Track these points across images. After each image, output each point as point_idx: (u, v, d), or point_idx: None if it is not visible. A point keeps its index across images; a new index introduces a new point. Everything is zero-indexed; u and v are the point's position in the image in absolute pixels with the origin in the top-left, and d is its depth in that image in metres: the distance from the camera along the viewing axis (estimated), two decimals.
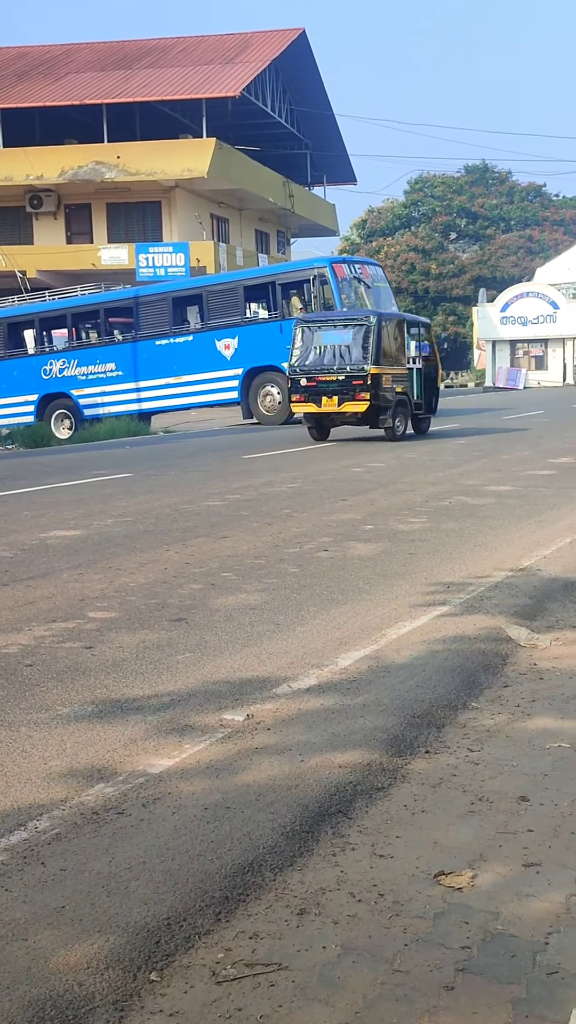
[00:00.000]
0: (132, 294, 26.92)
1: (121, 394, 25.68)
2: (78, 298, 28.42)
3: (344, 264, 23.63)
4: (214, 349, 24.33)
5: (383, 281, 24.75)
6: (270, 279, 24.43)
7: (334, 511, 9.66)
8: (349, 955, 2.49)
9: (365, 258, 30.26)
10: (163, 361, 25.03)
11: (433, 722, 4.12)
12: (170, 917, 2.64)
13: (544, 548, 7.51)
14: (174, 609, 6.02)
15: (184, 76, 38.38)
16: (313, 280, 22.64)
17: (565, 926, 2.59)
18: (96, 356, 26.16)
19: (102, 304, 26.86)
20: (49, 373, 26.67)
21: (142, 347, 25.46)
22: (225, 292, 24.72)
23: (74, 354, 26.56)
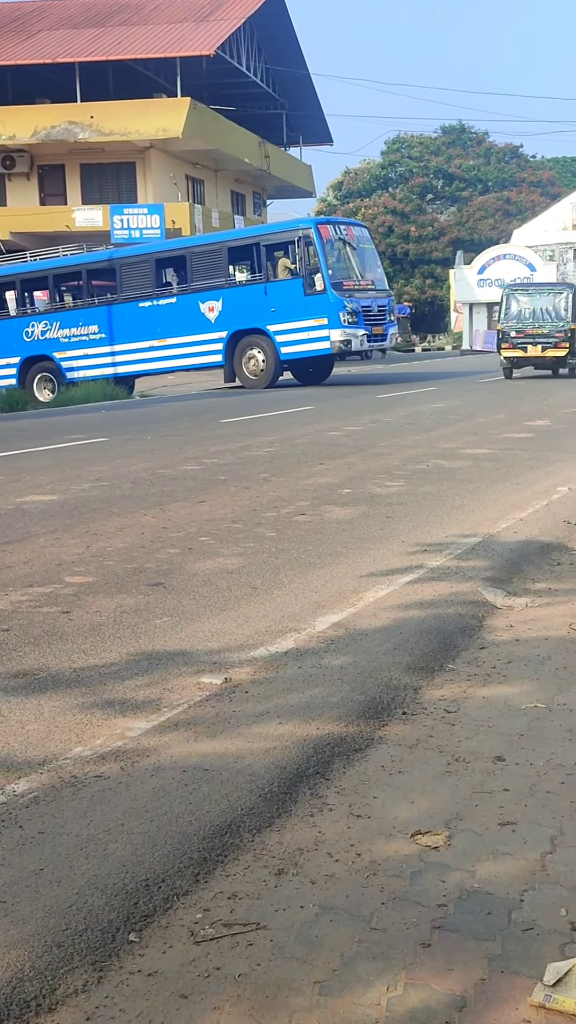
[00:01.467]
0: (114, 255, 26.38)
1: (104, 356, 25.31)
2: (60, 259, 27.86)
3: (329, 225, 23.33)
4: (198, 311, 23.93)
5: (368, 242, 24.48)
6: (254, 240, 24.09)
7: (311, 475, 9.66)
8: (327, 914, 2.51)
9: (351, 219, 29.64)
10: (146, 323, 24.62)
11: (410, 684, 4.14)
12: (149, 878, 2.65)
13: (520, 511, 7.54)
14: (151, 573, 6.02)
15: (158, 34, 37.85)
16: (298, 241, 22.37)
17: (540, 883, 2.62)
18: (78, 318, 25.70)
19: (84, 265, 26.32)
20: (31, 335, 26.20)
21: (125, 309, 24.99)
22: (209, 253, 24.27)
23: (56, 316, 26.06)
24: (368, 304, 22.66)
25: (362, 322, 22.30)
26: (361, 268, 23.36)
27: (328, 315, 22.02)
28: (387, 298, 24.11)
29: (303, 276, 22.25)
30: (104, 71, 37.94)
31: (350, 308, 22.01)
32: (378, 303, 23.19)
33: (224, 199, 43.28)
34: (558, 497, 8.05)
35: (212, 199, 41.45)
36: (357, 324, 22.18)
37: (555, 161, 68.82)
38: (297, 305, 22.34)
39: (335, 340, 22.07)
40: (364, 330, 22.33)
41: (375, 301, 23.07)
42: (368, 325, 22.51)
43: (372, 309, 22.74)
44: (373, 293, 23.18)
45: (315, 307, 22.12)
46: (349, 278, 22.65)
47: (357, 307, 22.19)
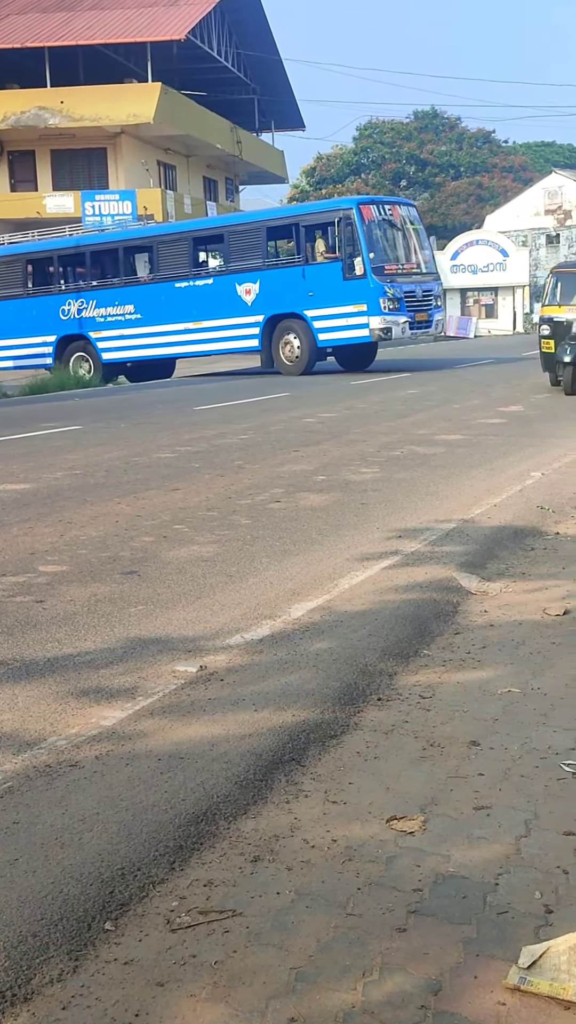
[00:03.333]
0: (151, 232, 25.66)
1: (139, 338, 24.21)
2: (97, 236, 26.83)
3: (373, 205, 21.87)
4: (234, 293, 22.76)
5: (416, 222, 22.89)
6: (293, 220, 22.73)
7: (286, 462, 9.65)
8: (303, 900, 2.52)
9: (398, 198, 28.06)
10: (182, 305, 23.44)
11: (385, 670, 4.15)
12: (124, 867, 2.65)
13: (494, 496, 7.56)
14: (126, 562, 6.00)
15: (128, 18, 37.58)
16: (338, 223, 21.07)
17: (515, 867, 2.63)
18: (114, 298, 24.56)
19: (121, 243, 25.16)
20: (67, 314, 25.07)
21: (160, 289, 23.87)
22: (247, 233, 23.06)
23: (92, 294, 24.88)
24: (412, 289, 21.42)
25: (404, 309, 21.07)
26: (406, 250, 22.19)
27: (368, 301, 20.80)
28: (433, 282, 22.79)
29: (343, 260, 21.07)
30: (74, 56, 37.64)
31: (391, 294, 20.84)
32: (423, 288, 21.89)
33: (196, 185, 43.09)
34: (531, 482, 8.08)
35: (184, 185, 41.25)
36: (399, 311, 20.96)
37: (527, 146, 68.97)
38: (336, 290, 21.17)
39: (374, 328, 20.90)
40: (406, 317, 21.10)
41: (420, 286, 21.76)
42: (411, 311, 21.29)
43: (416, 294, 21.49)
44: (418, 277, 21.92)
45: (354, 292, 20.91)
46: (392, 262, 21.47)
47: (399, 293, 20.97)
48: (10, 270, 26.12)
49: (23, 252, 26.96)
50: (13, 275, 26.06)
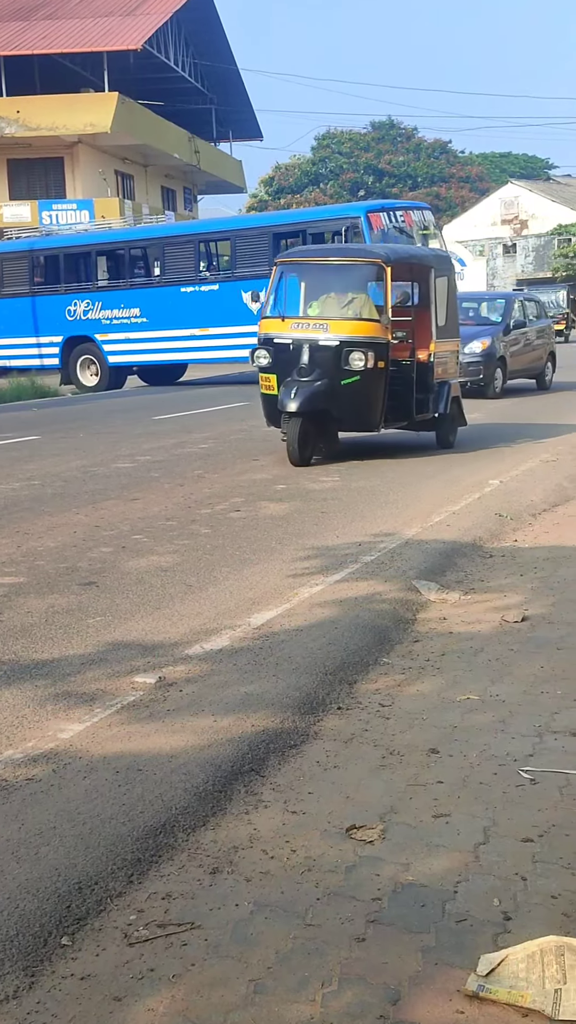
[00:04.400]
0: (158, 232, 24.58)
1: (145, 342, 23.11)
2: (104, 233, 25.73)
3: (382, 213, 20.84)
4: (240, 301, 21.31)
5: (430, 227, 21.94)
6: (301, 227, 21.51)
7: (246, 471, 9.64)
8: (262, 911, 2.50)
9: (412, 202, 26.28)
10: (188, 310, 22.34)
11: (345, 679, 4.15)
12: (81, 881, 2.62)
13: (453, 504, 7.59)
14: (84, 573, 5.96)
15: (84, 28, 37.46)
16: (345, 231, 20.00)
17: (473, 874, 2.64)
18: (120, 299, 23.38)
19: (128, 243, 24.12)
20: (73, 315, 23.86)
21: (167, 293, 22.70)
22: (253, 237, 21.95)
23: (98, 295, 23.70)
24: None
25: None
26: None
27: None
28: None
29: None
30: (30, 65, 37.46)
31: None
32: None
33: (155, 194, 43.01)
34: (489, 490, 8.12)
35: (142, 194, 41.16)
36: None
37: (483, 157, 69.52)
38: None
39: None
40: None
41: None
42: None
43: None
44: None
45: None
46: None
47: None
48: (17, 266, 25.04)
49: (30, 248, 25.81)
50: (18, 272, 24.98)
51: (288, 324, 10.26)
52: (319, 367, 9.80)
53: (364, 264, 10.48)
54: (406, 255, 11.16)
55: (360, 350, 9.67)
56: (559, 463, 9.30)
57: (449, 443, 10.89)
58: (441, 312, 10.71)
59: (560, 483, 8.35)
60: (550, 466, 9.14)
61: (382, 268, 10.03)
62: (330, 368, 9.78)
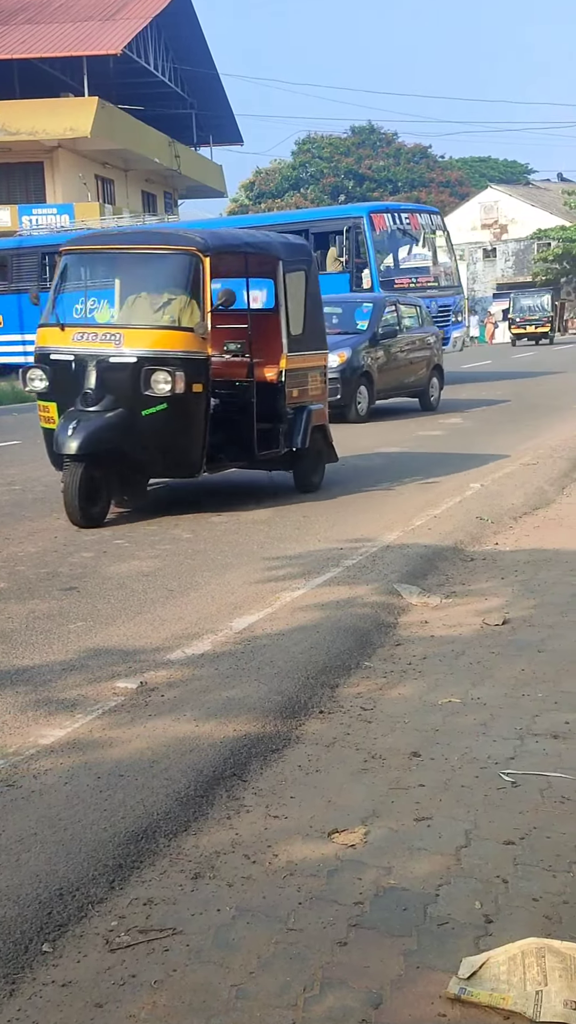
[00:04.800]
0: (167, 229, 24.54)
1: None
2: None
3: (386, 214, 20.16)
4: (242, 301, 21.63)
5: (439, 230, 21.19)
6: (304, 226, 20.25)
7: (228, 475, 9.61)
8: (244, 916, 2.50)
9: (419, 204, 25.41)
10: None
11: (327, 683, 4.15)
12: (62, 888, 2.61)
13: (434, 508, 7.61)
14: (65, 578, 5.94)
15: (63, 33, 37.40)
16: (347, 231, 19.36)
17: (455, 877, 2.64)
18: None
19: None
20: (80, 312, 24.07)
21: None
22: None
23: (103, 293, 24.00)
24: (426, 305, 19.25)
25: None
26: (422, 262, 20.53)
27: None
28: (452, 296, 20.68)
29: (350, 271, 19.37)
30: (9, 70, 37.38)
31: None
32: (439, 303, 19.87)
33: (135, 199, 42.95)
34: (470, 494, 8.14)
35: (123, 199, 41.09)
36: None
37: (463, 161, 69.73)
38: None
39: None
40: None
41: (434, 301, 19.70)
42: None
43: (431, 310, 19.25)
44: (434, 291, 20.05)
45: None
46: (403, 274, 19.92)
47: None
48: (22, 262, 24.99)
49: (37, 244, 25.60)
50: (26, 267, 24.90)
51: (69, 335, 7.65)
52: (111, 392, 7.33)
53: (172, 254, 7.82)
54: (236, 242, 8.44)
55: (165, 369, 7.21)
56: (539, 467, 9.33)
57: (312, 486, 8.60)
58: (296, 318, 8.36)
59: (540, 486, 8.37)
60: (530, 469, 9.17)
61: (198, 259, 7.52)
62: (126, 393, 7.31)
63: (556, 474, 8.96)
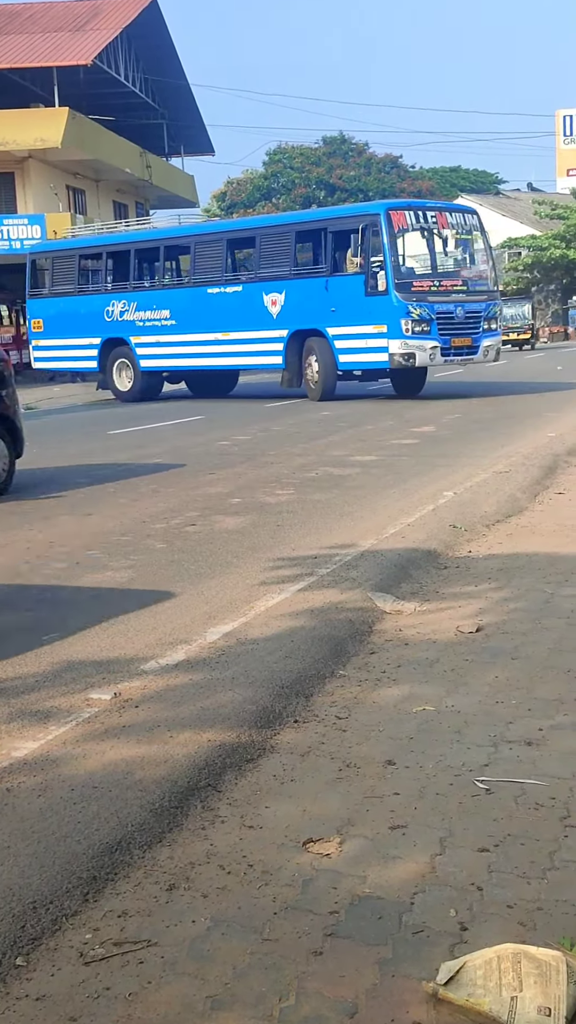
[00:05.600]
0: (189, 232, 23.31)
1: (171, 346, 21.97)
2: (140, 233, 25.14)
3: (407, 212, 18.80)
4: (261, 303, 20.21)
5: (472, 231, 19.63)
6: (322, 225, 20.00)
7: (201, 485, 9.62)
8: (219, 927, 2.49)
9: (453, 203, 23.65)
10: (212, 313, 21.15)
11: (302, 692, 4.15)
12: (36, 900, 2.60)
13: (408, 516, 7.62)
14: (38, 589, 5.91)
15: (33, 43, 37.34)
16: (363, 230, 18.23)
17: (430, 885, 2.64)
18: (152, 301, 22.40)
19: (161, 241, 23.03)
20: (111, 315, 22.92)
21: (194, 295, 21.66)
22: (276, 236, 20.57)
23: (134, 296, 22.75)
24: (448, 310, 18.29)
25: (435, 332, 18.05)
26: (450, 264, 19.36)
27: (388, 321, 17.98)
28: (484, 302, 19.15)
29: (366, 272, 18.25)
30: None
31: (417, 314, 17.90)
32: (467, 308, 18.60)
33: (106, 209, 42.90)
34: (444, 502, 8.16)
35: (94, 209, 41.03)
36: (427, 334, 17.98)
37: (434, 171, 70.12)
38: (358, 306, 18.37)
39: (393, 352, 18.03)
40: (436, 341, 18.08)
41: (462, 306, 18.50)
42: (445, 335, 18.21)
43: (455, 316, 18.34)
44: (460, 296, 18.68)
45: (376, 310, 18.12)
46: (424, 277, 18.86)
47: (429, 313, 17.99)
48: (65, 265, 24.46)
49: (77, 247, 25.16)
50: (63, 272, 24.44)
51: None
52: None
53: None
54: None
55: None
56: (512, 474, 9.37)
57: None
58: None
59: (513, 494, 8.41)
60: (503, 477, 9.21)
61: None
62: None
63: (528, 482, 9.01)
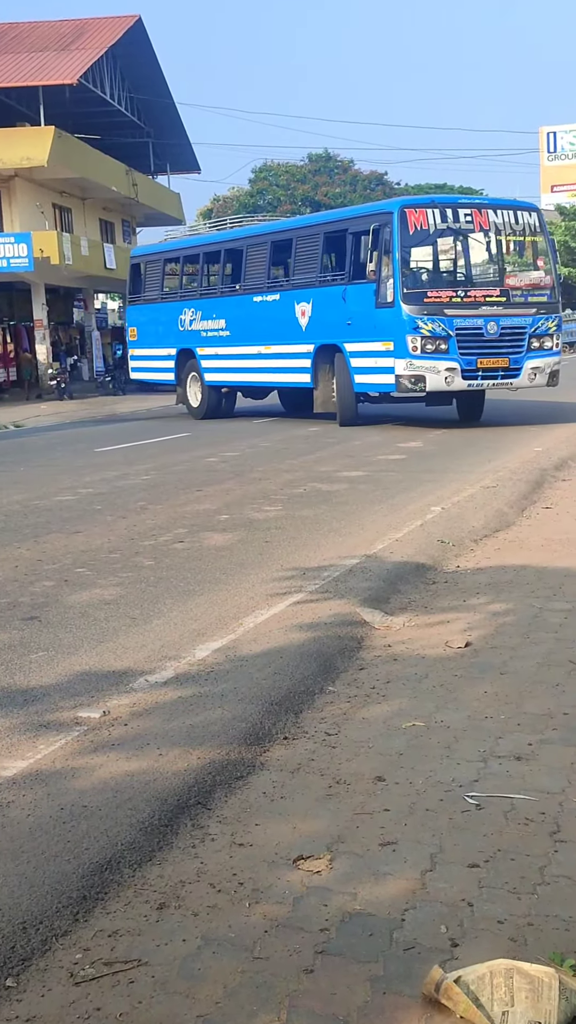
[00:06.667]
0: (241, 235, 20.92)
1: (229, 359, 19.95)
2: (209, 236, 22.60)
3: (429, 209, 15.71)
4: (293, 314, 17.93)
5: (530, 232, 16.40)
6: (343, 227, 17.20)
7: (189, 502, 9.62)
8: (209, 946, 2.48)
9: (495, 198, 18.17)
10: (257, 323, 19.01)
11: (291, 708, 4.14)
12: (26, 921, 2.58)
13: (396, 531, 7.63)
14: (26, 608, 5.90)
15: (18, 63, 37.46)
16: (374, 232, 15.48)
17: (420, 902, 2.64)
18: (213, 309, 20.44)
19: (222, 244, 20.84)
20: (183, 324, 21.16)
21: (242, 303, 19.60)
22: (309, 238, 18.07)
23: (200, 304, 20.93)
24: (473, 325, 15.19)
25: (455, 350, 15.02)
26: (490, 271, 16.37)
27: (394, 338, 15.27)
28: (531, 316, 15.60)
29: (376, 281, 15.59)
30: None
31: (428, 330, 14.99)
32: (504, 323, 15.35)
33: (93, 227, 42.97)
34: (432, 517, 8.18)
35: (81, 227, 41.10)
36: (444, 353, 15.01)
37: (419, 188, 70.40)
38: (370, 320, 15.78)
39: (399, 375, 15.17)
40: (455, 362, 15.02)
41: (496, 320, 15.29)
42: (469, 354, 15.11)
43: (483, 332, 15.21)
44: (496, 308, 15.40)
45: (384, 325, 15.47)
46: (446, 286, 15.69)
47: (445, 329, 15.00)
48: (151, 271, 23.03)
49: (162, 251, 23.51)
50: (153, 277, 22.94)
51: None
52: None
53: None
54: None
55: None
56: (499, 489, 9.40)
57: None
58: None
59: (500, 509, 8.43)
60: (490, 492, 9.23)
61: None
62: None
63: (516, 496, 9.03)
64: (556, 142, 61.10)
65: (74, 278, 38.01)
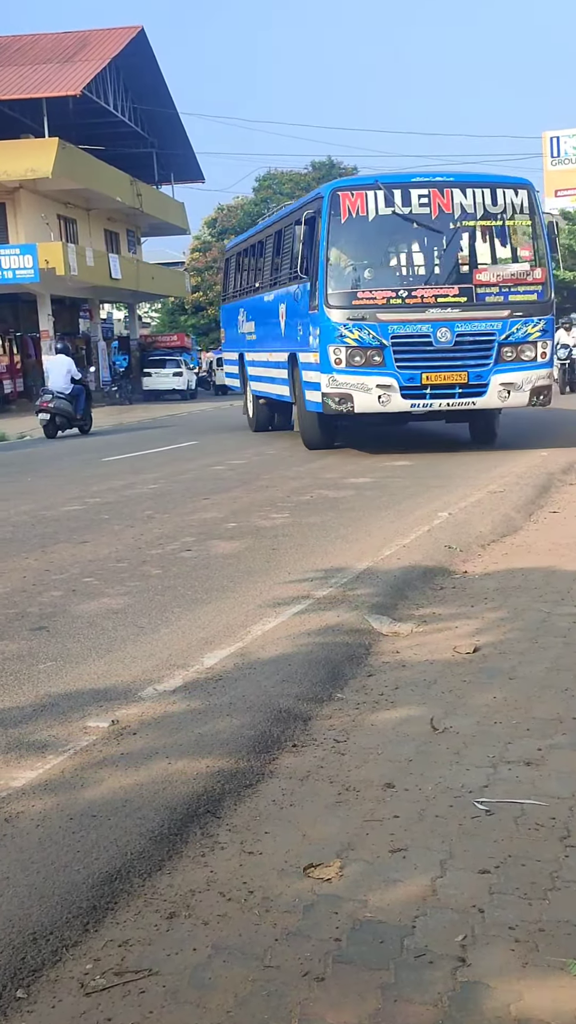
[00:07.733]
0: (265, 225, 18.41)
1: (256, 367, 17.75)
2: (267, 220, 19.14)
3: (364, 191, 12.85)
4: (278, 317, 15.62)
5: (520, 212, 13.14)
6: (298, 215, 14.11)
7: (196, 510, 9.63)
8: (220, 955, 2.48)
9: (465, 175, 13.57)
10: (266, 327, 16.87)
11: (300, 716, 4.14)
12: (36, 932, 2.58)
13: (403, 537, 7.63)
14: (34, 618, 5.91)
15: (22, 75, 37.62)
16: (307, 222, 13.18)
17: (431, 908, 2.63)
18: (248, 309, 18.40)
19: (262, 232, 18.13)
20: (240, 326, 19.14)
21: (256, 304, 17.74)
22: (284, 233, 15.49)
23: (246, 304, 18.79)
24: (417, 332, 12.47)
25: (391, 363, 12.47)
26: (449, 263, 13.05)
27: (320, 348, 12.83)
28: (492, 320, 12.65)
29: (309, 279, 13.25)
30: None
31: (354, 339, 12.46)
32: (459, 328, 12.51)
33: (98, 238, 43.09)
34: (439, 522, 8.17)
35: (86, 238, 41.22)
36: (377, 367, 12.47)
37: None
38: (306, 325, 13.61)
39: (324, 392, 12.74)
40: (391, 377, 12.48)
41: (446, 326, 12.47)
42: (411, 368, 12.49)
43: (431, 340, 12.46)
44: (446, 311, 12.57)
45: (314, 332, 13.14)
46: (381, 285, 12.78)
47: (377, 337, 12.43)
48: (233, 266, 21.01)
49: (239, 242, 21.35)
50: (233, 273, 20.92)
51: None
52: None
53: None
54: None
55: None
56: (506, 494, 9.39)
57: None
58: None
59: (508, 513, 8.42)
60: (497, 497, 9.22)
61: None
62: None
63: (523, 501, 9.02)
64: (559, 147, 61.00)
65: (79, 288, 38.15)
